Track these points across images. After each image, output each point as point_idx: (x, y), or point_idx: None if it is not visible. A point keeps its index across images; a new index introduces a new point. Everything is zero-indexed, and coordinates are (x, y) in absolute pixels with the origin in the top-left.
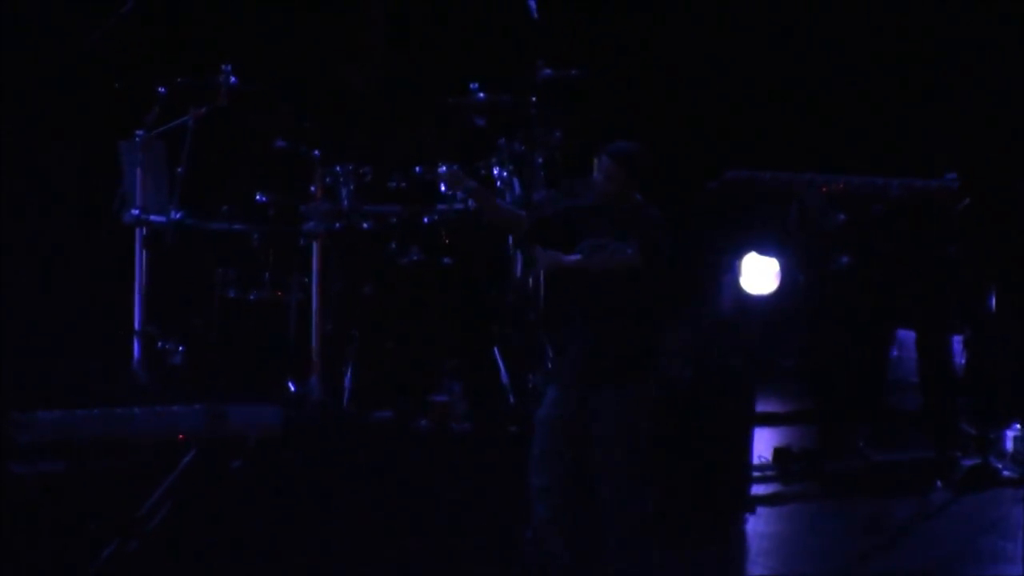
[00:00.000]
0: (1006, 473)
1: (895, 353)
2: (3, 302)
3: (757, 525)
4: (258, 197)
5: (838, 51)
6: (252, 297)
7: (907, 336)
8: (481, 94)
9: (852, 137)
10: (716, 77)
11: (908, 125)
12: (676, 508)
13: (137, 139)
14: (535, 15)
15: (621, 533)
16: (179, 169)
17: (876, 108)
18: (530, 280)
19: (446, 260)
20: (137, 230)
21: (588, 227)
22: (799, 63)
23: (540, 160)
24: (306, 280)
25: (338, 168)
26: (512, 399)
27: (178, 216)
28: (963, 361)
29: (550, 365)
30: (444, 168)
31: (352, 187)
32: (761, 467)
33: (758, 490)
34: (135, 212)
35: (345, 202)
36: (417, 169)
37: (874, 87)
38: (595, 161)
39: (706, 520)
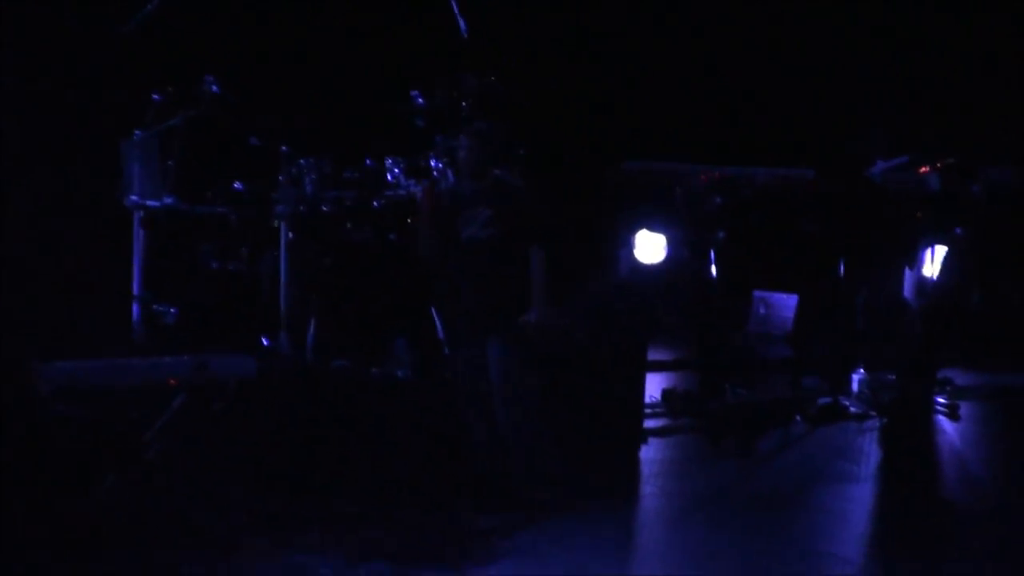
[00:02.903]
0: (853, 409)
1: (762, 311)
2: (26, 275)
3: (649, 452)
4: (236, 185)
5: (716, 65)
6: (231, 268)
7: (772, 297)
8: (420, 100)
9: (727, 134)
10: (614, 84)
11: (771, 124)
12: (583, 439)
13: (136, 138)
14: (464, 34)
15: (513, 429)
16: (170, 162)
17: (745, 111)
18: None
19: (392, 236)
20: (135, 213)
21: (463, 203)
22: (684, 74)
23: None
24: (276, 253)
25: (302, 161)
26: (446, 350)
27: (169, 201)
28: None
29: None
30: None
31: (314, 176)
32: (652, 405)
33: (650, 424)
34: (134, 198)
35: (308, 189)
36: (368, 162)
37: (743, 94)
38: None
39: (608, 449)
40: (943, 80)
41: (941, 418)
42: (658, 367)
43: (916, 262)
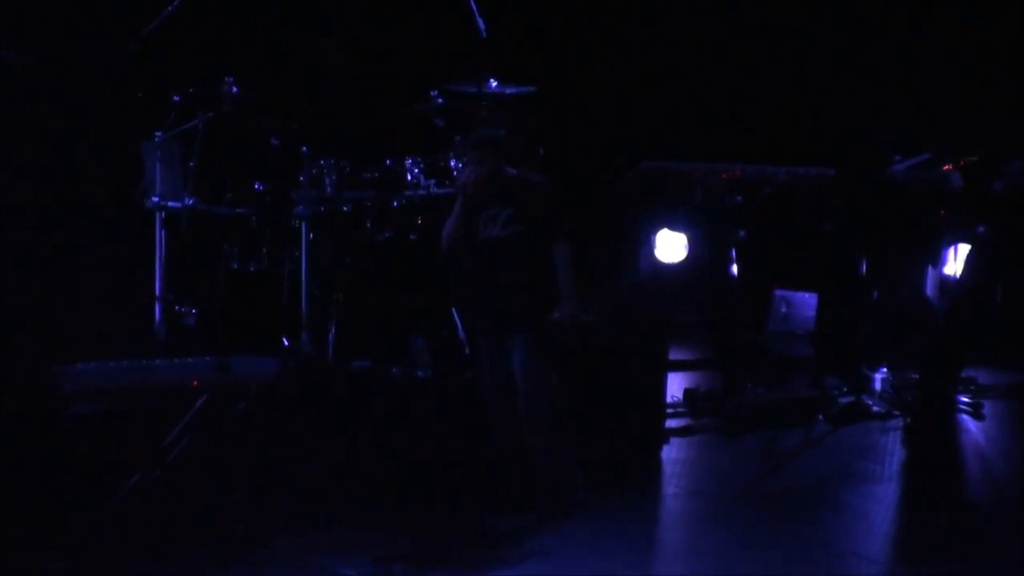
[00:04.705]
0: (875, 408)
1: (783, 310)
2: (47, 276)
3: (671, 453)
4: (256, 186)
5: (736, 65)
6: (252, 268)
7: (793, 296)
8: (440, 100)
9: (747, 132)
10: (634, 84)
11: (793, 122)
12: (605, 439)
13: (156, 139)
14: (484, 35)
15: (536, 429)
16: (191, 163)
17: (766, 109)
18: None
19: (412, 237)
20: (157, 214)
21: (481, 203)
22: (703, 75)
23: None
24: (296, 254)
25: (322, 161)
26: (467, 351)
27: (190, 202)
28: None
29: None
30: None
31: (334, 177)
32: (673, 405)
33: (671, 424)
34: (155, 199)
35: (328, 189)
36: (387, 161)
37: (764, 93)
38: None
39: (629, 449)
40: (965, 75)
41: (965, 417)
42: (679, 366)
43: (939, 261)
